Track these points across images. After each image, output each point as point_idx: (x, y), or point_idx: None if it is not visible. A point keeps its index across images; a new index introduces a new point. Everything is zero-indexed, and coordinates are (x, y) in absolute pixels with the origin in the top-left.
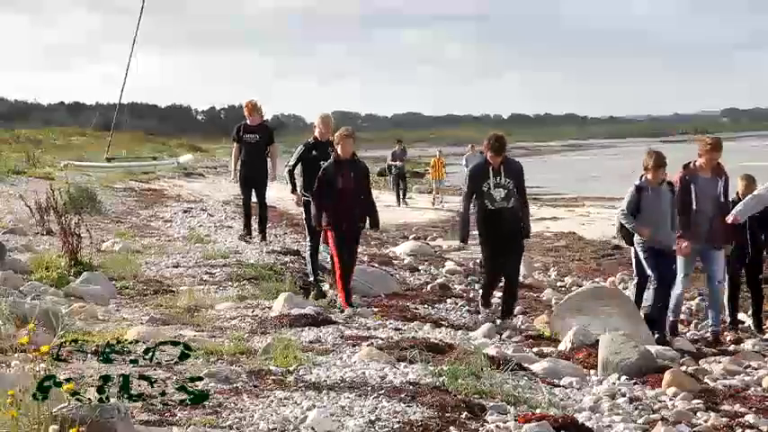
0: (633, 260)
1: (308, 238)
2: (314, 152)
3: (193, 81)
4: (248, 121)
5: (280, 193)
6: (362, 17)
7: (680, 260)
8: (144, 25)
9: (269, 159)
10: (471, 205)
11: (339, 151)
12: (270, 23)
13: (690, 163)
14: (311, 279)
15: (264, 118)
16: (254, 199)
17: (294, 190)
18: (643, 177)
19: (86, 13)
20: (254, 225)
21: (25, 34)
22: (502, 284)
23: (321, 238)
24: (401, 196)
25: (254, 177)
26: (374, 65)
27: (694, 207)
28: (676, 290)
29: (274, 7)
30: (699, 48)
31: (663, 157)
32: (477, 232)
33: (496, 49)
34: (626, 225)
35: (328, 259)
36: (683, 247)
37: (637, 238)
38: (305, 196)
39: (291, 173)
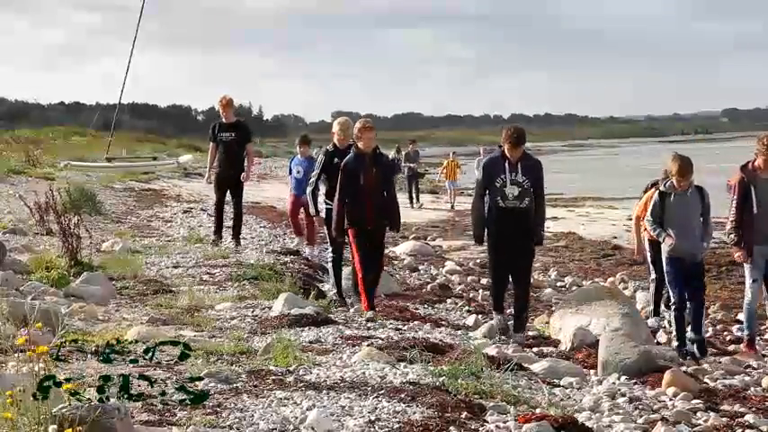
0: (648, 259)
1: (329, 249)
2: (335, 160)
3: (193, 81)
4: (223, 119)
5: (281, 194)
6: (363, 17)
7: (746, 267)
8: (144, 25)
9: (246, 159)
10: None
11: (360, 145)
12: (270, 23)
13: (747, 163)
14: (333, 291)
15: (266, 118)
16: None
17: (317, 212)
18: (668, 182)
19: (86, 12)
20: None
21: (25, 34)
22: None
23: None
24: (415, 198)
25: (229, 178)
26: (374, 65)
27: (755, 210)
28: (747, 300)
29: (275, 7)
30: (699, 48)
31: (688, 165)
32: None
33: (497, 49)
34: (652, 233)
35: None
36: (737, 257)
37: (664, 246)
38: (327, 204)
39: (315, 192)
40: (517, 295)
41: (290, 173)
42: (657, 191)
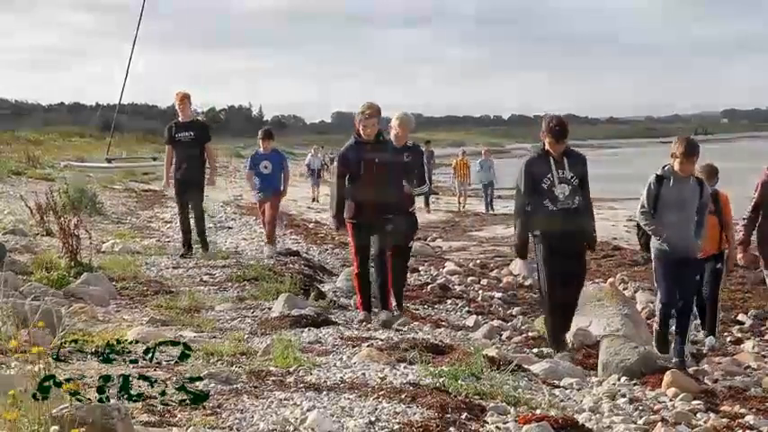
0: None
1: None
2: None
3: (193, 81)
4: (180, 118)
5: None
6: (362, 17)
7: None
8: (144, 25)
9: (207, 161)
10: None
11: (361, 131)
12: (270, 23)
13: None
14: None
15: (266, 119)
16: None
17: None
18: (667, 166)
19: (86, 12)
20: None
21: (26, 35)
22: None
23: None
24: (427, 201)
25: (188, 182)
26: (373, 65)
27: None
28: None
29: (274, 7)
30: (699, 48)
31: (695, 146)
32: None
33: (496, 49)
34: (641, 224)
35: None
36: (740, 258)
37: (653, 241)
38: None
39: None
40: (566, 301)
41: (252, 167)
42: (655, 175)
